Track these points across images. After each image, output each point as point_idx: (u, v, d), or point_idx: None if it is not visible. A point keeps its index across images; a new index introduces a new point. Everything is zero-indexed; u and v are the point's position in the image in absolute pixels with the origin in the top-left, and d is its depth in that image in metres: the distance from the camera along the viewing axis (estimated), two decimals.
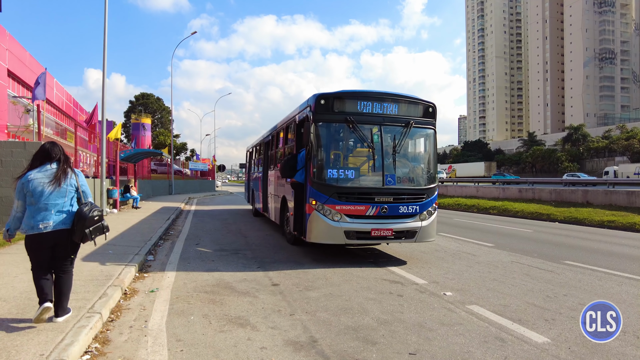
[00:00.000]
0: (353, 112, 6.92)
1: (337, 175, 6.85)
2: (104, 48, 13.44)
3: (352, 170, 7.04)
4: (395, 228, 6.82)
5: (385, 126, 7.07)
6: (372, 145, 6.93)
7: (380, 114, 7.05)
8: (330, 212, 6.63)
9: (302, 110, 7.84)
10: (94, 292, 4.60)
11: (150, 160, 31.02)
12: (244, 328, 4.00)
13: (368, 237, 6.74)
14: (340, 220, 6.65)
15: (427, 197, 7.14)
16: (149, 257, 7.23)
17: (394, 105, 7.10)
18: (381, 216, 6.76)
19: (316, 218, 6.71)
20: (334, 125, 7.06)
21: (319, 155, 6.86)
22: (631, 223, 13.13)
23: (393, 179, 6.96)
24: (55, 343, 3.24)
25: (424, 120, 7.35)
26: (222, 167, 53.56)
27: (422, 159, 7.74)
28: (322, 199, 6.66)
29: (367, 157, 7.21)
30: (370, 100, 7.00)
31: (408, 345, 3.69)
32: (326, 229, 6.66)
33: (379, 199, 6.77)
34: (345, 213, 6.66)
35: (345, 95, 7.05)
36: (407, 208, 6.94)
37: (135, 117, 59.31)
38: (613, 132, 65.59)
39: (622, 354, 3.57)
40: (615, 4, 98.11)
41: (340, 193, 6.68)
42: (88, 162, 20.81)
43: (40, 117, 11.04)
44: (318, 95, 6.93)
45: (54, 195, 3.65)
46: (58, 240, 3.69)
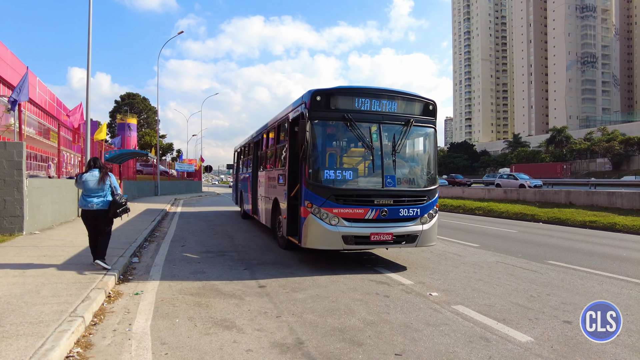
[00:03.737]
0: (350, 110, 6.58)
1: (333, 176, 6.50)
2: (88, 47, 13.21)
3: (349, 171, 6.72)
4: (395, 232, 6.48)
5: (384, 124, 6.74)
6: (370, 144, 6.60)
7: (379, 112, 6.72)
8: (327, 216, 6.27)
9: (295, 107, 7.43)
10: (76, 295, 4.52)
11: (135, 161, 30.64)
12: (230, 330, 3.97)
13: (367, 242, 6.40)
14: (338, 224, 6.28)
15: (428, 199, 6.83)
16: (133, 259, 7.13)
17: (393, 102, 6.80)
18: (381, 220, 6.43)
19: (312, 222, 6.33)
20: (330, 123, 6.73)
21: (314, 155, 6.49)
22: (612, 223, 13.43)
23: (393, 181, 6.61)
24: (35, 348, 3.16)
25: (424, 119, 7.03)
26: (209, 168, 53.12)
27: (423, 160, 7.40)
28: (319, 202, 6.30)
29: (365, 158, 6.95)
30: (368, 97, 6.68)
31: (394, 345, 3.71)
32: (323, 234, 6.29)
33: (378, 201, 6.45)
34: (343, 216, 6.30)
35: (342, 91, 6.76)
36: (407, 211, 6.61)
37: (120, 117, 58.53)
38: (594, 135, 67.04)
39: (603, 352, 3.64)
40: (596, 9, 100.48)
41: (337, 195, 6.34)
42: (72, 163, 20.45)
43: (22, 116, 10.78)
44: (314, 92, 6.56)
45: (97, 189, 5.87)
46: (98, 215, 5.89)
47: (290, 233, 7.34)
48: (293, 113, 7.52)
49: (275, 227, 8.71)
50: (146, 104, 70.50)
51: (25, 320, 3.74)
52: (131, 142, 53.91)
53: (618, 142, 58.39)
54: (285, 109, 8.44)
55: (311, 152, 6.44)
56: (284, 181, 7.62)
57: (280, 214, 8.15)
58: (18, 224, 8.53)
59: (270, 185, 9.13)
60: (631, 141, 57.32)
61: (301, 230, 6.55)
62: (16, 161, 8.49)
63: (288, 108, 8.12)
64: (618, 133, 62.26)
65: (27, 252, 6.85)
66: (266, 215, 9.73)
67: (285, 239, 7.80)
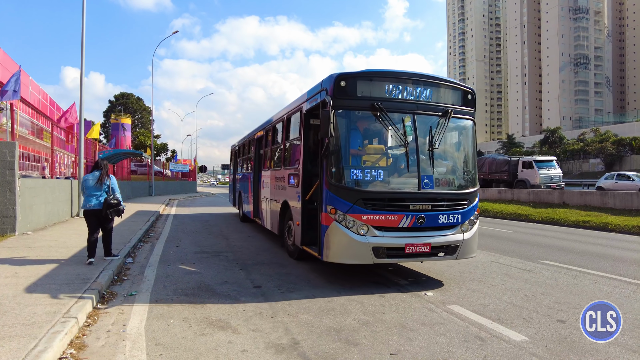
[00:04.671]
0: (380, 98, 5.65)
1: (361, 176, 5.54)
2: (82, 46, 13.12)
3: (380, 171, 5.72)
4: (434, 242, 5.57)
5: (418, 115, 5.81)
6: (404, 139, 5.66)
7: (413, 101, 5.81)
8: (355, 224, 5.35)
9: (312, 96, 6.48)
10: (70, 296, 4.48)
11: (130, 161, 30.45)
12: (225, 331, 3.95)
13: (401, 254, 5.49)
14: (367, 233, 5.36)
15: (469, 203, 5.91)
16: (127, 259, 7.08)
17: (428, 89, 5.90)
18: (417, 228, 5.52)
19: (336, 231, 5.40)
20: (357, 113, 5.78)
21: (339, 151, 5.56)
22: (604, 223, 13.54)
23: (431, 182, 5.68)
24: (28, 350, 3.13)
25: (463, 109, 6.13)
26: (203, 168, 52.95)
27: (462, 157, 6.42)
28: (344, 207, 5.37)
29: (398, 154, 6.00)
30: (401, 83, 5.76)
31: (389, 345, 3.71)
32: (349, 245, 5.36)
33: (414, 206, 5.51)
34: (373, 225, 5.38)
35: (372, 75, 5.79)
36: (447, 217, 5.69)
37: (114, 117, 58.17)
38: (587, 135, 67.59)
39: (596, 350, 3.67)
40: (589, 11, 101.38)
41: (367, 199, 5.41)
42: (65, 163, 20.29)
43: (14, 116, 10.70)
44: (337, 76, 5.61)
45: (96, 189, 6.23)
46: (97, 214, 6.26)
47: (305, 242, 6.47)
48: (308, 103, 6.63)
49: (284, 234, 7.79)
50: (140, 104, 70.14)
51: (17, 321, 3.71)
52: (125, 142, 53.60)
53: (610, 143, 58.90)
54: (297, 99, 7.53)
55: (335, 147, 5.52)
56: (297, 182, 6.78)
57: (290, 220, 7.26)
58: (10, 225, 8.44)
59: (277, 187, 8.28)
60: (623, 142, 57.85)
61: (322, 240, 5.60)
62: (8, 161, 8.41)
63: (301, 98, 7.20)
64: (610, 134, 62.82)
65: (20, 253, 6.78)
66: (272, 220, 8.81)
67: (298, 248, 6.93)
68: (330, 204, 5.47)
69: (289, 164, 7.63)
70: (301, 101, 7.04)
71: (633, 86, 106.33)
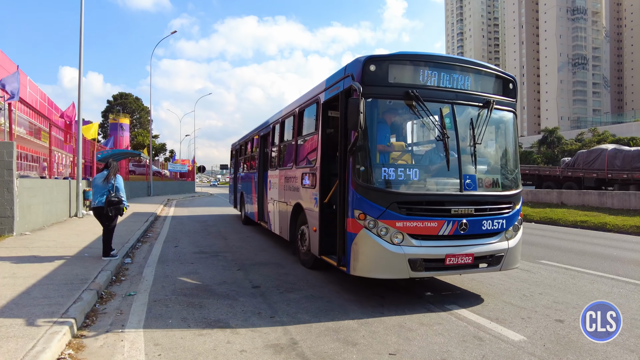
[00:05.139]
0: (415, 85, 4.95)
1: (395, 176, 4.82)
2: (80, 46, 13.11)
3: (415, 170, 5.00)
4: (477, 252, 4.89)
5: (458, 106, 5.13)
6: (443, 132, 4.96)
7: (452, 89, 5.12)
8: (388, 231, 4.63)
9: (332, 85, 5.75)
10: (68, 297, 4.47)
11: (128, 161, 30.42)
12: (224, 331, 3.95)
13: (441, 266, 4.79)
14: (403, 242, 4.65)
15: (513, 206, 5.27)
16: (126, 259, 7.08)
17: (468, 77, 5.22)
18: (458, 236, 4.84)
19: (366, 240, 4.66)
20: (388, 103, 5.06)
21: (370, 147, 4.81)
22: (602, 223, 13.58)
23: (473, 182, 5.01)
24: (26, 350, 3.12)
25: (505, 100, 5.48)
26: (202, 168, 52.93)
27: (505, 154, 5.71)
28: (376, 212, 4.65)
29: (436, 150, 5.23)
30: (438, 68, 5.08)
31: (388, 345, 3.71)
32: (382, 257, 4.64)
33: (456, 210, 4.82)
34: (409, 232, 4.67)
35: (406, 58, 5.09)
36: (491, 223, 5.03)
37: (113, 117, 58.06)
38: (585, 135, 67.75)
39: (594, 350, 3.68)
40: (587, 11, 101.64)
41: (402, 203, 4.70)
42: (64, 163, 20.24)
43: (12, 115, 10.66)
44: (367, 59, 4.85)
45: (102, 187, 6.48)
46: (101, 212, 6.50)
47: (324, 251, 5.78)
48: (327, 93, 5.91)
49: (296, 240, 7.08)
50: (139, 104, 70.01)
51: (15, 322, 3.70)
52: (124, 142, 53.47)
53: (608, 143, 59.09)
54: (312, 90, 6.79)
55: (364, 142, 4.76)
56: (313, 182, 6.07)
57: (304, 225, 6.61)
58: (8, 225, 8.42)
59: (288, 187, 7.56)
60: (621, 142, 58.04)
61: (348, 251, 4.87)
62: (6, 161, 8.39)
63: (317, 88, 6.49)
64: (608, 134, 63.00)
65: (18, 254, 6.77)
66: (281, 224, 8.06)
67: (314, 257, 6.29)
68: (359, 208, 4.72)
69: (302, 163, 6.92)
70: (318, 91, 6.32)
71: (631, 86, 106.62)
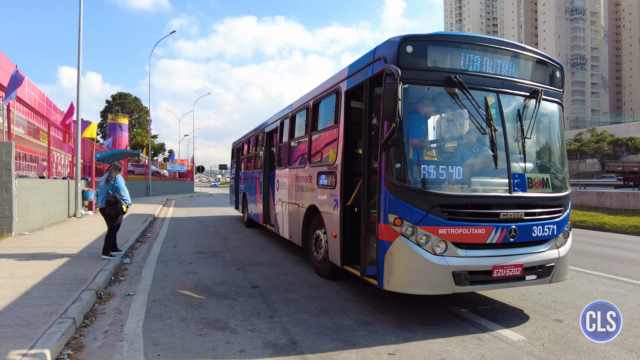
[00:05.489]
0: (457, 70, 4.34)
1: (436, 174, 4.19)
2: (79, 45, 13.10)
3: (459, 167, 4.35)
4: (526, 262, 4.30)
5: (504, 95, 4.52)
6: (489, 125, 4.36)
7: (497, 76, 4.50)
8: (429, 239, 4.04)
9: (357, 71, 5.05)
10: (67, 297, 4.46)
11: (127, 161, 30.38)
12: (223, 331, 3.95)
13: (488, 279, 4.19)
14: (446, 252, 4.07)
15: (564, 209, 4.71)
16: (125, 259, 7.07)
17: (514, 63, 4.63)
18: (506, 244, 4.25)
19: (403, 249, 4.05)
20: (427, 90, 4.39)
21: (407, 140, 4.21)
22: (601, 223, 13.60)
23: (523, 182, 4.44)
24: (24, 351, 3.11)
25: (551, 90, 4.87)
26: (201, 168, 52.92)
27: (554, 151, 5.05)
28: (415, 216, 4.04)
29: (481, 147, 4.54)
30: (482, 52, 4.45)
31: (387, 345, 3.71)
32: (423, 269, 4.03)
33: (505, 215, 4.22)
34: (453, 241, 4.08)
35: (446, 39, 4.45)
36: (542, 229, 4.43)
37: (112, 117, 58.01)
38: (584, 135, 67.87)
39: (593, 350, 3.69)
40: (585, 11, 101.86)
41: (446, 206, 4.10)
42: (62, 163, 20.21)
43: (11, 115, 10.65)
44: (403, 39, 4.19)
45: (104, 188, 6.69)
46: (104, 212, 6.72)
47: (348, 261, 5.16)
48: (351, 81, 5.24)
49: (310, 246, 6.45)
50: (138, 104, 69.92)
51: (14, 322, 3.69)
52: (122, 142, 53.44)
53: (607, 143, 59.17)
54: (330, 79, 6.13)
55: (401, 134, 4.12)
56: (332, 182, 5.49)
57: (319, 229, 6.04)
58: (7, 225, 8.41)
59: (300, 188, 6.93)
60: (620, 142, 58.13)
61: (381, 262, 4.23)
62: (5, 161, 8.38)
63: (337, 76, 5.82)
64: (607, 134, 63.09)
65: (16, 254, 6.75)
66: (291, 228, 7.48)
67: (331, 266, 5.72)
68: (394, 212, 4.10)
69: (318, 160, 6.32)
70: (338, 80, 5.70)
71: (629, 86, 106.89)
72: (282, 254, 7.90)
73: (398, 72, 3.98)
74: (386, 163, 4.18)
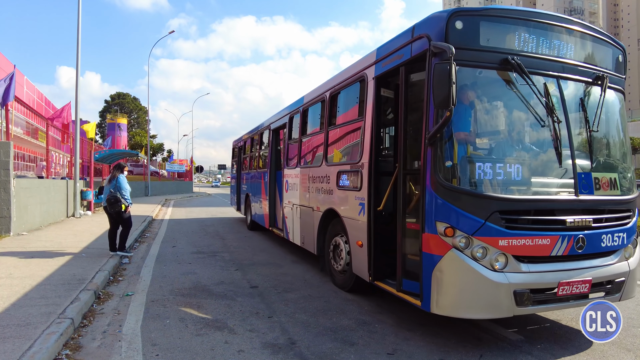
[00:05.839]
0: (512, 51, 3.71)
1: (492, 174, 3.58)
2: (77, 45, 13.08)
3: (518, 166, 3.71)
4: (594, 277, 3.70)
5: (564, 81, 3.90)
6: (554, 116, 3.77)
7: (557, 58, 3.89)
8: (487, 253, 3.44)
9: (392, 52, 4.35)
10: (65, 297, 4.46)
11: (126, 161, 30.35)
12: (222, 331, 3.94)
13: (552, 298, 3.63)
14: (507, 268, 3.47)
15: (632, 214, 4.12)
16: (124, 260, 7.06)
17: (575, 44, 4.01)
18: (573, 256, 3.65)
19: (458, 265, 3.45)
20: (479, 73, 3.74)
21: (460, 134, 3.69)
22: None
23: (590, 183, 3.84)
24: (22, 351, 3.11)
25: (616, 77, 4.26)
26: (200, 168, 52.86)
27: (619, 146, 4.38)
28: (471, 225, 3.44)
29: (544, 141, 3.90)
30: (540, 30, 3.84)
31: (386, 345, 3.71)
32: (480, 288, 3.43)
33: (571, 222, 3.62)
34: (514, 253, 3.48)
35: (501, 14, 3.80)
36: (611, 238, 3.83)
37: (110, 117, 57.97)
38: None
39: (591, 350, 3.69)
40: (584, 12, 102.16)
41: (506, 212, 3.50)
42: (61, 163, 20.17)
43: (9, 115, 10.63)
44: (452, 13, 3.61)
45: (107, 188, 6.96)
46: (105, 210, 7.06)
47: (379, 276, 4.53)
48: (381, 66, 4.58)
49: (326, 255, 5.90)
50: (136, 104, 69.89)
51: (12, 322, 3.68)
52: (121, 142, 53.39)
53: None
54: (354, 65, 5.42)
55: (452, 126, 3.56)
56: (358, 183, 4.82)
57: (339, 236, 5.46)
58: (5, 225, 8.39)
59: (314, 189, 6.30)
60: None
61: (427, 280, 3.59)
62: (3, 161, 8.37)
63: (362, 62, 5.14)
64: None
65: (14, 254, 6.74)
66: (304, 234, 6.90)
67: (353, 277, 5.10)
68: (445, 219, 3.49)
69: (340, 158, 5.71)
70: (364, 65, 5.03)
71: (627, 87, 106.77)
72: (280, 254, 7.90)
73: (451, 50, 3.33)
74: (433, 160, 3.55)
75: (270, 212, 9.16)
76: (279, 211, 8.48)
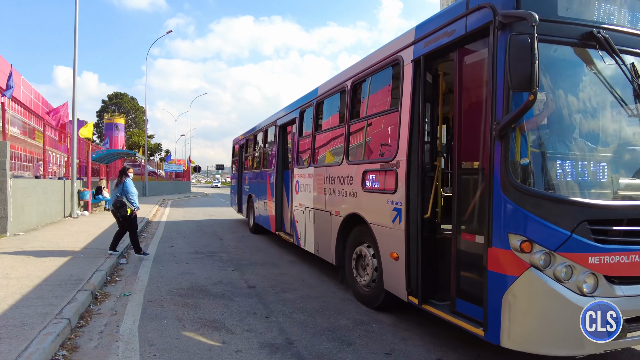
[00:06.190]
0: (597, 24, 3.08)
1: (576, 175, 2.98)
2: (74, 45, 13.04)
3: (603, 164, 3.09)
4: None
5: None
6: None
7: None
8: (572, 272, 2.84)
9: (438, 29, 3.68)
10: (62, 297, 4.44)
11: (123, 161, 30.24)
12: (219, 331, 3.94)
13: None
14: (597, 291, 2.89)
15: None
16: (121, 260, 7.04)
17: None
18: None
19: (536, 289, 2.84)
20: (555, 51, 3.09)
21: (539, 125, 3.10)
22: None
23: None
24: (19, 351, 3.10)
25: None
26: (198, 168, 52.79)
27: None
28: (554, 239, 2.83)
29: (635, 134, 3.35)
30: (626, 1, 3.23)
31: (384, 345, 3.71)
32: (565, 318, 2.85)
33: None
34: (606, 273, 2.89)
35: None
36: None
37: (108, 117, 57.80)
38: None
39: None
40: None
41: (597, 222, 2.90)
42: (58, 163, 20.11)
43: (5, 115, 10.58)
44: None
45: (115, 192, 7.15)
46: (113, 214, 7.27)
47: (425, 298, 3.82)
48: (423, 46, 3.90)
49: (348, 266, 5.25)
50: (134, 104, 69.70)
51: (8, 323, 3.67)
52: (119, 142, 53.25)
53: None
54: (387, 46, 4.63)
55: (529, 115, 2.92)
56: (393, 185, 4.18)
57: (365, 245, 4.86)
58: (1, 225, 8.35)
59: (332, 191, 5.66)
60: None
61: (496, 305, 2.96)
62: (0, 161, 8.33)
63: (399, 41, 4.36)
64: None
65: (11, 254, 6.71)
66: (318, 240, 6.25)
67: (382, 294, 4.49)
68: (521, 231, 2.86)
69: (361, 156, 5.09)
70: (398, 47, 4.32)
71: None
72: (278, 254, 7.89)
73: (534, 18, 2.68)
74: (504, 157, 2.90)
75: (277, 215, 8.47)
76: (287, 214, 7.86)
